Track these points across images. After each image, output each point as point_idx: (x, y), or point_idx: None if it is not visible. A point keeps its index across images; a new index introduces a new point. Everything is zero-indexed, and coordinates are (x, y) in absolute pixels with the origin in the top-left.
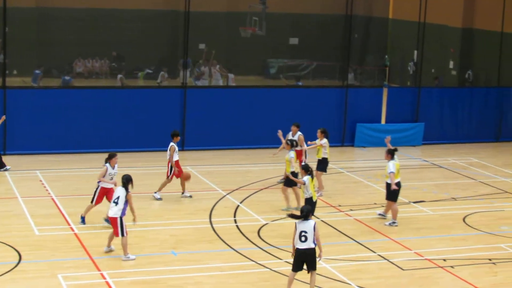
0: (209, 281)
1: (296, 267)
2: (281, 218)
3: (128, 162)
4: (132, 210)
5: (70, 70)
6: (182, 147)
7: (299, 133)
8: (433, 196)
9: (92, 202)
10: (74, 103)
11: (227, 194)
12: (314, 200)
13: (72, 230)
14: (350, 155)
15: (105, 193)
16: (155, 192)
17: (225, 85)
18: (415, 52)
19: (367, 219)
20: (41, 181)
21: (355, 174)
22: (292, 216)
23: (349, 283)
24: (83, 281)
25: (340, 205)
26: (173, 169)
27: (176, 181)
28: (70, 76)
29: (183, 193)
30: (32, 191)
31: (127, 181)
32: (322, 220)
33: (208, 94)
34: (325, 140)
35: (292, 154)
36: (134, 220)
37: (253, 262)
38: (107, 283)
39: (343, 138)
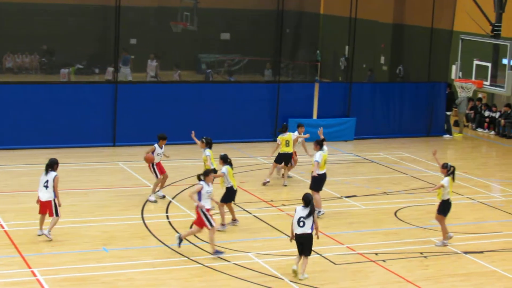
0: (141, 277)
1: (300, 251)
2: (213, 214)
3: (61, 158)
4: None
5: None
6: (113, 143)
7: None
8: (365, 191)
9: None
10: (6, 98)
11: (159, 190)
12: (234, 188)
13: (2, 227)
14: None
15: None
16: (150, 195)
17: (157, 80)
18: (347, 47)
19: None
20: None
21: None
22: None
23: (282, 278)
24: (13, 279)
25: (272, 200)
26: (155, 168)
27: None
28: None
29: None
30: None
31: (51, 164)
32: (255, 215)
33: (140, 90)
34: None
35: (208, 152)
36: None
37: (186, 258)
38: (38, 280)
39: (275, 133)
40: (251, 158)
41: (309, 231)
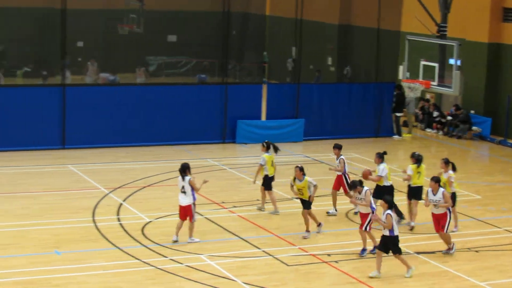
0: (93, 280)
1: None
2: (165, 216)
3: (7, 161)
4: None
5: None
6: (63, 145)
7: (342, 156)
8: (316, 192)
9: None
10: None
11: (110, 192)
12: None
13: None
14: (232, 152)
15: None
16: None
17: (106, 83)
18: (293, 48)
19: (251, 215)
20: None
21: (237, 170)
22: None
23: (235, 280)
24: None
25: (223, 202)
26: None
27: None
28: None
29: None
30: None
31: (183, 169)
32: (205, 217)
33: (88, 92)
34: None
35: (265, 157)
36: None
37: (138, 261)
38: None
39: (224, 134)
40: (201, 160)
41: (387, 234)
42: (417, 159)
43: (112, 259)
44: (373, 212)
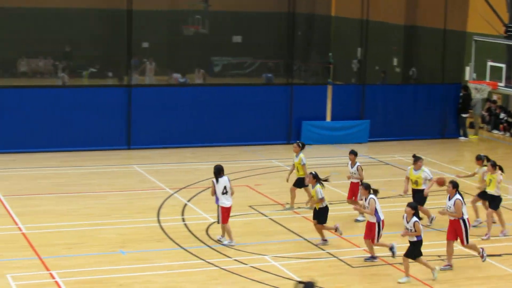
0: (158, 280)
1: None
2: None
3: (75, 161)
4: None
5: (14, 69)
6: (128, 145)
7: (358, 163)
8: (381, 193)
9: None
10: (19, 102)
11: (175, 192)
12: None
13: (20, 229)
14: None
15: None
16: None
17: (170, 83)
18: (359, 49)
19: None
20: None
21: None
22: None
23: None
24: (32, 281)
25: (287, 203)
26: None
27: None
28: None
29: None
30: None
31: (218, 171)
32: (270, 218)
33: (153, 93)
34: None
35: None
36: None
37: (202, 261)
38: (57, 282)
39: (289, 135)
40: (265, 160)
41: (415, 239)
42: (494, 164)
43: (176, 259)
44: (379, 223)
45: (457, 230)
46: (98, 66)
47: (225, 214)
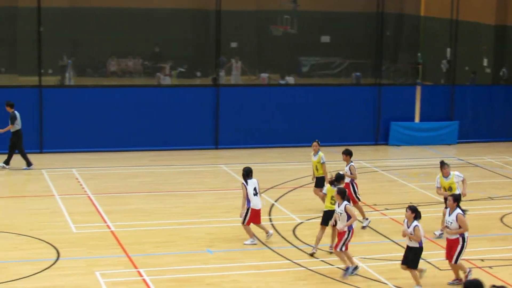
0: (246, 279)
1: None
2: (316, 217)
3: (165, 160)
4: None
5: (103, 69)
6: (216, 145)
7: (352, 163)
8: (470, 196)
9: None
10: (109, 101)
11: (262, 192)
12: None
13: (109, 227)
14: (384, 154)
15: None
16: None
17: (258, 83)
18: (448, 49)
19: (403, 218)
20: (77, 179)
21: (389, 173)
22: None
23: (386, 283)
24: (120, 278)
25: (375, 204)
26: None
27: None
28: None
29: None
30: (69, 189)
31: (247, 173)
32: (357, 219)
33: (241, 93)
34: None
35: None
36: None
37: (289, 261)
38: (144, 281)
39: (377, 136)
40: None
41: (416, 245)
42: None
43: (263, 259)
44: (349, 232)
45: (453, 247)
46: (186, 66)
47: (253, 216)
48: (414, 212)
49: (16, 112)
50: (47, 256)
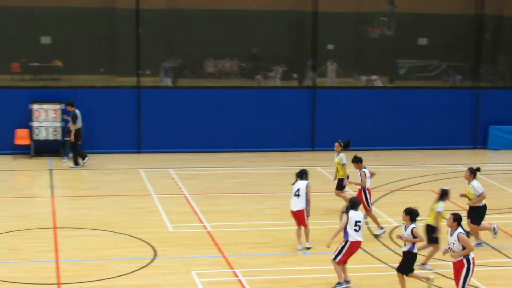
0: None
1: None
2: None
3: (261, 162)
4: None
5: (201, 71)
6: (312, 147)
7: (363, 169)
8: None
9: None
10: (205, 103)
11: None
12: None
13: (205, 227)
14: (483, 158)
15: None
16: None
17: (355, 86)
18: None
19: (502, 223)
20: (174, 178)
21: (488, 177)
22: None
23: None
24: (216, 278)
25: None
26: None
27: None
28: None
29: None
30: (166, 189)
31: (301, 173)
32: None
33: (337, 95)
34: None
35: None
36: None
37: (385, 265)
38: (240, 281)
39: (476, 140)
40: (450, 165)
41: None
42: None
43: (359, 262)
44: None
45: (459, 271)
46: (283, 67)
47: (295, 217)
48: (409, 214)
49: (77, 110)
50: (144, 254)
